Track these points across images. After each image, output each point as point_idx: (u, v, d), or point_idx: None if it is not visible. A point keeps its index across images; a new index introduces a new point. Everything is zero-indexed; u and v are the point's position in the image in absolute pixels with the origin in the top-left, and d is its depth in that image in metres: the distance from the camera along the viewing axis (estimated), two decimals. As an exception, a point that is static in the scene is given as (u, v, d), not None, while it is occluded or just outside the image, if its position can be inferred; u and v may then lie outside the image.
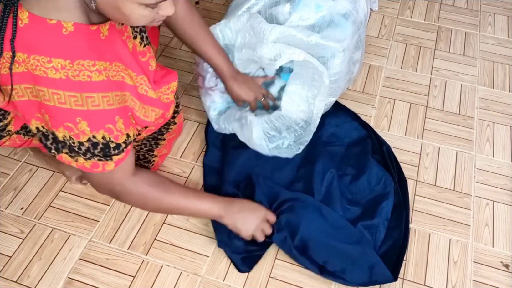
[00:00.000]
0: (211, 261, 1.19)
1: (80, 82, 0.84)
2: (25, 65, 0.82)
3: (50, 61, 0.81)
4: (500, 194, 1.34)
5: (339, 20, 1.34)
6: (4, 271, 1.17)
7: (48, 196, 1.31)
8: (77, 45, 0.83)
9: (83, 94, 0.85)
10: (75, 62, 0.82)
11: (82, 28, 0.83)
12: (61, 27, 0.81)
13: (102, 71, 0.86)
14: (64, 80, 0.82)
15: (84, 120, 0.87)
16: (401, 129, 1.49)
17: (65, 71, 0.82)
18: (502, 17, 1.88)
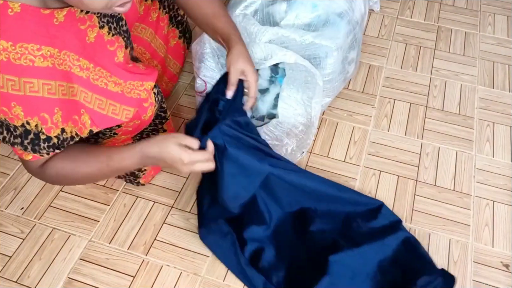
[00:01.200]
0: (211, 261, 1.19)
1: (21, 66, 0.80)
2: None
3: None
4: (500, 194, 1.34)
5: (334, 20, 1.34)
6: (4, 271, 1.17)
7: (48, 196, 1.31)
8: (23, 27, 0.79)
9: (21, 78, 0.81)
10: (17, 45, 0.79)
11: (31, 11, 0.79)
12: (7, 7, 0.77)
13: (48, 57, 0.82)
14: (5, 62, 0.79)
15: (19, 105, 0.83)
16: (401, 129, 1.49)
17: (7, 53, 0.79)
18: (502, 17, 1.88)
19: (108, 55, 0.95)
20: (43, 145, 0.90)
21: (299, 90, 1.25)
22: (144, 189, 1.32)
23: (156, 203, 1.29)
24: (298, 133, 1.27)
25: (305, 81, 1.25)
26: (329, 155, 1.41)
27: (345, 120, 1.50)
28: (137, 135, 1.15)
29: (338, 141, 1.45)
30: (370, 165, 1.40)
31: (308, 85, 1.25)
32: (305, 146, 1.33)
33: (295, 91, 1.25)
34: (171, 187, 1.33)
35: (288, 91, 1.25)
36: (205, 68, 1.29)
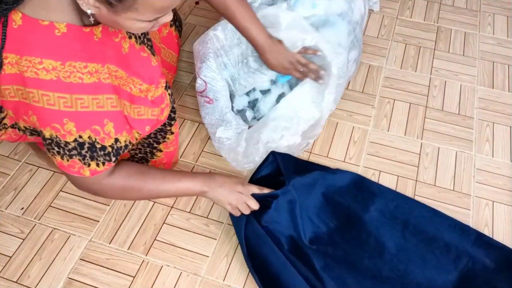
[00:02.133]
0: (211, 261, 1.19)
1: (71, 83, 0.83)
2: (17, 66, 0.82)
3: (41, 62, 0.81)
4: (500, 194, 1.34)
5: (334, 20, 1.34)
6: (4, 271, 1.17)
7: (48, 196, 1.31)
8: (70, 46, 0.82)
9: (73, 95, 0.84)
10: (66, 63, 0.82)
11: (75, 30, 0.82)
12: (54, 28, 0.80)
13: (94, 73, 0.86)
14: (55, 81, 0.82)
15: (71, 121, 0.87)
16: (401, 129, 1.49)
17: (56, 72, 0.82)
18: (501, 17, 1.88)
19: (143, 61, 0.98)
20: (100, 153, 0.92)
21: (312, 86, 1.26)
22: (144, 189, 1.32)
23: (156, 203, 1.30)
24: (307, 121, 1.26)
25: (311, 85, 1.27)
26: (329, 155, 1.41)
27: (345, 120, 1.50)
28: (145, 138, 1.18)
29: (338, 141, 1.45)
30: (370, 165, 1.40)
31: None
32: (312, 137, 1.32)
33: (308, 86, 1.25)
34: (171, 187, 1.33)
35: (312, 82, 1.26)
36: (206, 68, 1.28)
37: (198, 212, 1.28)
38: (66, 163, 0.92)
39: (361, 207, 1.24)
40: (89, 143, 0.90)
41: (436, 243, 1.18)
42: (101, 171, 0.95)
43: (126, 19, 0.78)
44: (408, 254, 1.17)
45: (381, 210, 1.24)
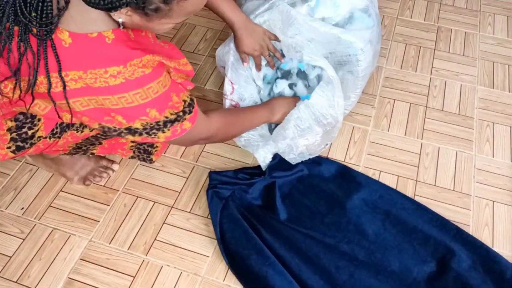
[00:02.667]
0: (211, 261, 1.19)
1: (137, 78, 0.88)
2: (82, 81, 0.85)
3: (107, 72, 0.85)
4: (500, 194, 1.34)
5: (359, 15, 1.34)
6: (4, 271, 1.17)
7: (48, 196, 1.31)
8: (123, 49, 0.86)
9: (144, 87, 0.89)
10: (127, 64, 0.86)
11: (120, 33, 0.86)
12: (103, 37, 0.84)
13: (147, 63, 0.89)
14: (124, 83, 0.87)
15: (153, 108, 0.93)
16: (401, 129, 1.49)
17: (122, 75, 0.86)
18: (502, 17, 1.88)
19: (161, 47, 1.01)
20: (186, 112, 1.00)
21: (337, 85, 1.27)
22: (144, 189, 1.32)
23: (156, 203, 1.30)
24: (326, 124, 1.27)
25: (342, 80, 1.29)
26: (329, 155, 1.41)
27: (345, 120, 1.50)
28: None
29: (338, 141, 1.45)
30: (370, 165, 1.40)
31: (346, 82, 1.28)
32: (329, 139, 1.33)
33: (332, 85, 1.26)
34: (171, 187, 1.33)
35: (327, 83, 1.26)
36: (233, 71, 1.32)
37: (198, 212, 1.28)
38: (169, 134, 0.98)
39: (345, 195, 1.27)
40: (173, 118, 0.97)
41: (415, 235, 1.20)
42: (194, 115, 1.02)
43: (157, 24, 0.85)
44: (386, 242, 1.19)
45: (364, 199, 1.27)
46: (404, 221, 1.23)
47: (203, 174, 1.36)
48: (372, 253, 1.17)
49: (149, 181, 1.34)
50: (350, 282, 1.13)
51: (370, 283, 1.13)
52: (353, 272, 1.14)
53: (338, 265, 1.15)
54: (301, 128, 1.26)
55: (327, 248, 1.18)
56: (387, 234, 1.21)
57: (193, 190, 1.32)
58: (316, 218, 1.24)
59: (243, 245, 1.16)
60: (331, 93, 1.26)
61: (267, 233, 1.19)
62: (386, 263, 1.16)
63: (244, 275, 1.14)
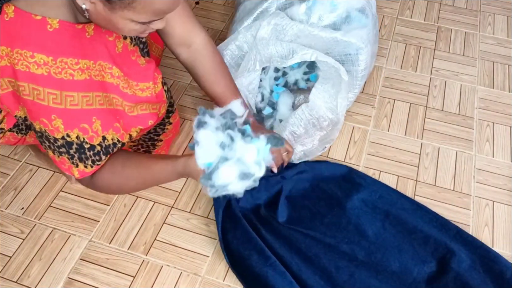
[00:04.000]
0: (211, 261, 1.19)
1: (62, 80, 0.84)
2: (8, 59, 0.82)
3: (33, 56, 0.81)
4: (500, 194, 1.34)
5: (356, 16, 1.34)
6: (4, 271, 1.17)
7: (48, 196, 1.31)
8: (61, 42, 0.82)
9: (63, 92, 0.85)
10: (58, 59, 0.82)
11: (68, 26, 0.82)
12: (46, 23, 0.81)
13: (85, 70, 0.85)
14: (46, 76, 0.82)
15: (59, 118, 0.87)
16: (401, 129, 1.49)
17: (47, 67, 0.82)
18: (502, 17, 1.88)
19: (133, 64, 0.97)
20: (89, 153, 0.92)
21: (333, 86, 1.26)
22: (144, 189, 1.32)
23: (156, 203, 1.30)
24: (325, 127, 1.27)
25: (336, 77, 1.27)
26: (329, 155, 1.41)
27: (345, 120, 1.50)
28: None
29: (338, 141, 1.45)
30: (370, 165, 1.40)
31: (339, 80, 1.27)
32: (329, 142, 1.33)
33: (330, 86, 1.26)
34: (171, 187, 1.33)
35: (322, 84, 1.26)
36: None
37: (198, 212, 1.28)
38: (57, 159, 0.93)
39: (345, 195, 1.27)
40: (77, 144, 0.90)
41: (415, 235, 1.20)
42: (89, 172, 0.95)
43: (121, 17, 0.78)
44: (386, 242, 1.19)
45: (364, 199, 1.27)
46: (404, 221, 1.23)
47: (203, 174, 1.36)
48: (372, 253, 1.17)
49: (149, 181, 1.34)
50: (350, 282, 1.13)
51: (370, 283, 1.13)
52: (353, 272, 1.14)
53: (338, 265, 1.15)
54: (297, 134, 1.26)
55: (327, 248, 1.18)
56: (387, 234, 1.20)
57: (193, 190, 1.32)
58: (316, 218, 1.23)
59: (244, 245, 1.16)
60: (328, 94, 1.26)
61: (267, 232, 1.19)
62: (386, 263, 1.16)
63: (244, 275, 1.14)
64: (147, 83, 0.98)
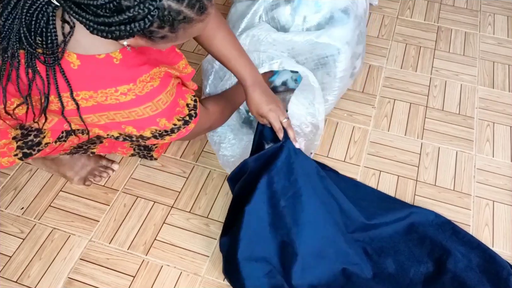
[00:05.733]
0: (211, 261, 1.19)
1: (147, 93, 0.89)
2: (93, 99, 0.87)
3: (117, 90, 0.86)
4: (500, 194, 1.34)
5: (339, 16, 1.34)
6: (4, 271, 1.17)
7: (48, 196, 1.31)
8: (130, 67, 0.87)
9: (153, 100, 0.91)
10: (137, 81, 0.87)
11: (126, 52, 0.87)
12: (111, 58, 0.85)
13: (155, 76, 0.90)
14: (135, 99, 0.88)
15: (162, 117, 0.95)
16: (401, 129, 1.49)
17: (133, 92, 0.88)
18: (502, 17, 1.88)
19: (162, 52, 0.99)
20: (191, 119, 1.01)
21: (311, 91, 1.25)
22: (144, 189, 1.32)
23: (156, 203, 1.30)
24: (308, 133, 1.26)
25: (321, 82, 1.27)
26: (329, 155, 1.41)
27: (345, 120, 1.50)
28: None
29: (338, 141, 1.45)
30: (370, 165, 1.40)
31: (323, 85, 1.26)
32: (313, 148, 1.32)
33: (308, 92, 1.25)
34: (171, 187, 1.33)
35: (301, 90, 1.26)
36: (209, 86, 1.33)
37: (198, 212, 1.28)
38: (174, 136, 1.01)
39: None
40: (180, 123, 0.99)
41: (410, 236, 1.20)
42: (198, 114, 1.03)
43: (163, 46, 0.85)
44: (382, 244, 1.19)
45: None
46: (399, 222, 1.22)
47: (203, 174, 1.36)
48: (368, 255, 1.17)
49: (149, 181, 1.34)
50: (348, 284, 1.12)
51: (367, 285, 1.13)
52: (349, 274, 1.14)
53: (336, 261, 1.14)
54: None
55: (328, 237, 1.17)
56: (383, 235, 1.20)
57: (193, 190, 1.32)
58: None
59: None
60: (308, 100, 1.25)
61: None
62: (383, 265, 1.16)
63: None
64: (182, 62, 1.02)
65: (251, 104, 1.13)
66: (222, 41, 1.10)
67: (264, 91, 1.12)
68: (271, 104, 1.11)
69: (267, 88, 1.14)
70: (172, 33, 0.79)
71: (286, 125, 1.12)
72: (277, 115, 1.11)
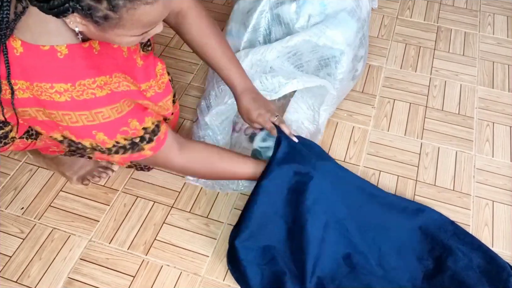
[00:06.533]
0: (211, 261, 1.19)
1: (85, 100, 0.84)
2: (29, 91, 0.83)
3: (53, 87, 0.82)
4: (500, 194, 1.34)
5: (343, 17, 1.34)
6: (4, 271, 1.17)
7: (48, 196, 1.31)
8: (75, 66, 0.83)
9: (92, 111, 0.86)
10: (76, 83, 0.83)
11: (76, 48, 0.83)
12: (55, 51, 0.81)
13: (103, 86, 0.86)
14: (69, 102, 0.83)
15: (100, 132, 0.89)
16: (401, 129, 1.49)
17: (69, 93, 0.83)
18: (501, 17, 1.89)
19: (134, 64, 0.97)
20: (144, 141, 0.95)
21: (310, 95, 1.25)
22: (144, 189, 1.32)
23: (156, 203, 1.30)
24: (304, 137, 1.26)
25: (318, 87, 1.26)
26: (329, 155, 1.41)
27: (345, 120, 1.51)
28: None
29: (338, 141, 1.45)
30: (370, 165, 1.40)
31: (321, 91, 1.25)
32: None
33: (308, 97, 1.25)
34: (171, 187, 1.33)
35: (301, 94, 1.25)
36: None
37: (198, 212, 1.28)
38: (127, 157, 0.96)
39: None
40: (128, 144, 0.93)
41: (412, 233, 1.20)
42: (158, 145, 0.98)
43: (114, 35, 0.78)
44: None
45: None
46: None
47: (203, 174, 1.36)
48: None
49: (149, 181, 1.34)
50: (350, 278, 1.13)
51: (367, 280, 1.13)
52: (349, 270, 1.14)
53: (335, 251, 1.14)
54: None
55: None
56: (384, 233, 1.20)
57: (193, 190, 1.32)
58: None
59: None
60: (306, 105, 1.25)
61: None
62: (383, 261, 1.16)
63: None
64: (148, 82, 0.99)
65: (241, 112, 1.15)
66: (214, 49, 1.10)
67: (254, 98, 1.13)
68: (260, 109, 1.13)
69: (257, 94, 1.15)
70: (113, 11, 0.73)
71: (277, 122, 1.14)
72: (265, 117, 1.13)
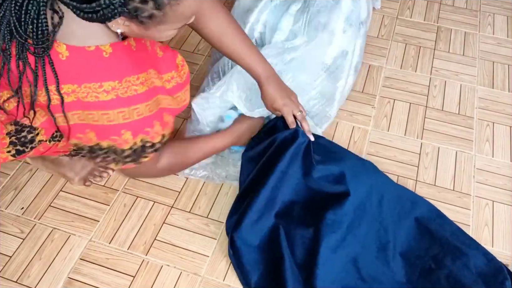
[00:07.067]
0: (211, 261, 1.19)
1: (129, 97, 0.86)
2: (74, 94, 0.84)
3: (101, 86, 0.84)
4: (500, 194, 1.34)
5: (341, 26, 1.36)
6: (4, 271, 1.17)
7: (48, 196, 1.31)
8: (120, 63, 0.85)
9: (130, 107, 0.88)
10: (123, 80, 0.85)
11: (119, 46, 0.85)
12: (101, 51, 0.83)
13: (144, 82, 0.88)
14: (114, 99, 0.85)
15: (128, 130, 0.90)
16: (401, 129, 1.49)
17: (115, 91, 0.85)
18: (501, 17, 1.89)
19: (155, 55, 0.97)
20: (149, 151, 0.95)
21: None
22: (144, 189, 1.32)
23: (156, 203, 1.30)
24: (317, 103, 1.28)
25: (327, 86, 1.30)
26: (329, 155, 1.41)
27: (345, 120, 1.51)
28: None
29: (338, 141, 1.45)
30: (370, 165, 1.40)
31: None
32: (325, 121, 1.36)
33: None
34: (171, 187, 1.33)
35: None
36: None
37: (198, 212, 1.28)
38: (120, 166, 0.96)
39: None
40: (141, 146, 0.93)
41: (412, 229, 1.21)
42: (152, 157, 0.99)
43: (156, 31, 0.82)
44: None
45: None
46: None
47: (203, 174, 1.36)
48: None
49: (149, 181, 1.34)
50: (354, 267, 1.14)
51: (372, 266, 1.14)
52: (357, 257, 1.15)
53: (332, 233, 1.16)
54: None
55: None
56: None
57: (193, 190, 1.32)
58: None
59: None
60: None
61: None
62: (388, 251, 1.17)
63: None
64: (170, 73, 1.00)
65: (266, 99, 1.15)
66: (233, 39, 1.11)
67: (279, 85, 1.14)
68: (285, 98, 1.14)
69: (281, 81, 1.16)
70: (158, 10, 0.76)
71: (300, 118, 1.16)
72: (290, 108, 1.14)
